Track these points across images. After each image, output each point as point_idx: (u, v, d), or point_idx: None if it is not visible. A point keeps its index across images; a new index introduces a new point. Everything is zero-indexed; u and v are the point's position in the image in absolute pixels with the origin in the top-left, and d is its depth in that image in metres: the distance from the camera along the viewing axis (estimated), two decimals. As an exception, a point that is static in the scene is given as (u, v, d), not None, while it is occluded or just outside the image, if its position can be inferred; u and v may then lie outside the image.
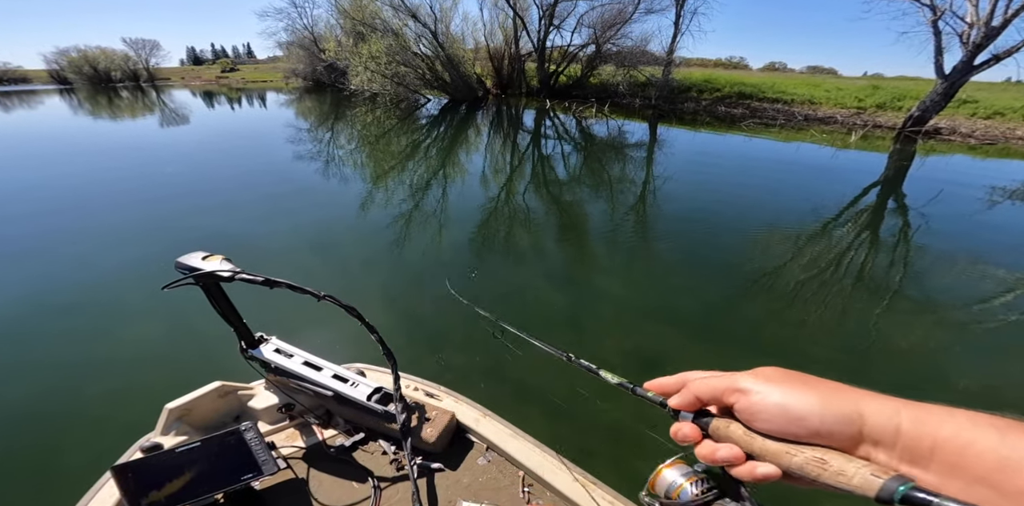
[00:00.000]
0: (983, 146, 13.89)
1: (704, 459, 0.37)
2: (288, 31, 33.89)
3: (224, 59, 77.65)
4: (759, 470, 0.34)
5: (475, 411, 1.43)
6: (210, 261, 1.08)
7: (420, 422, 1.33)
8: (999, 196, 7.85)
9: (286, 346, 1.41)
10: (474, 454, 1.34)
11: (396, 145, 11.44)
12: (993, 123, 15.60)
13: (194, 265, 1.07)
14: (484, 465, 1.31)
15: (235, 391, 1.43)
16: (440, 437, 1.31)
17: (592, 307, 3.65)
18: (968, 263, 4.77)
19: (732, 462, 0.35)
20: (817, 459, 0.31)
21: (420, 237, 5.09)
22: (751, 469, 0.34)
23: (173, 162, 8.95)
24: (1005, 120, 15.70)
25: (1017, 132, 14.90)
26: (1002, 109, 16.20)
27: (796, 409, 0.32)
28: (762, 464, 0.34)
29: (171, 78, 52.49)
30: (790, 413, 0.32)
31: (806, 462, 0.31)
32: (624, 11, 19.89)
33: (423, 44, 18.96)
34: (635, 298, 3.90)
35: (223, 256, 1.11)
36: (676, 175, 8.75)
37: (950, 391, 2.78)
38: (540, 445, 1.31)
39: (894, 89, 18.98)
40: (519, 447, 1.30)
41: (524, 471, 1.26)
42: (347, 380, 1.35)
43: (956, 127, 15.31)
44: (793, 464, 0.32)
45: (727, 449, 0.36)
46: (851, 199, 7.25)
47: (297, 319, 2.94)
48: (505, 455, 1.31)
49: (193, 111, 20.73)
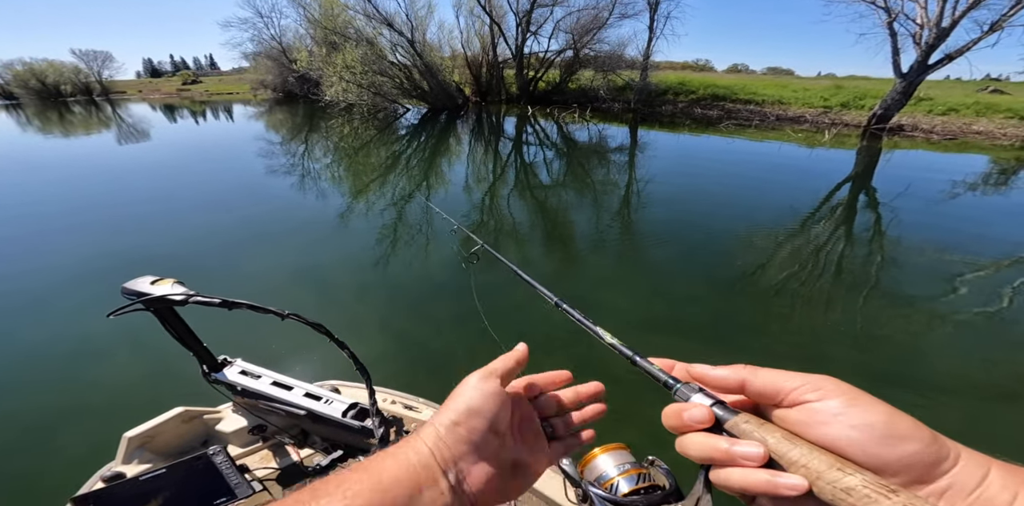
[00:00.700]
0: (944, 141, 14.66)
1: (707, 452, 0.31)
2: (254, 42, 32.98)
3: (185, 71, 74.56)
4: (784, 480, 0.28)
5: None
6: (160, 285, 1.04)
7: (400, 435, 1.30)
8: (960, 189, 8.29)
9: (252, 367, 1.37)
10: None
11: (376, 157, 11.10)
12: (949, 119, 16.52)
13: (142, 290, 1.03)
14: None
15: (200, 416, 1.40)
16: None
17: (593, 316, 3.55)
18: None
19: (753, 461, 0.29)
20: (881, 486, 0.25)
21: (404, 251, 4.90)
22: (769, 478, 0.28)
23: (128, 179, 8.45)
24: (959, 116, 16.66)
25: (974, 127, 15.81)
26: (955, 105, 17.22)
27: (897, 428, 0.28)
28: (787, 475, 0.28)
29: (127, 91, 50.00)
30: (889, 429, 0.27)
31: (863, 485, 0.26)
32: (599, 16, 20.20)
33: (400, 53, 18.63)
34: (638, 308, 3.80)
35: (175, 279, 1.07)
36: (669, 178, 8.81)
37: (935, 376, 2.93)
38: None
39: (855, 88, 19.93)
40: None
41: None
42: (320, 398, 1.32)
43: (917, 124, 16.13)
44: (840, 484, 0.26)
45: (751, 446, 0.30)
46: (828, 195, 7.55)
47: (264, 340, 2.86)
48: None
49: (154, 125, 19.74)
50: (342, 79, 16.40)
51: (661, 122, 17.94)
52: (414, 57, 17.81)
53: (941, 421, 1.95)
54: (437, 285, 4.04)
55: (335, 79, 16.66)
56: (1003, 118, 16.24)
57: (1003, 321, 3.62)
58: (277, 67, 32.47)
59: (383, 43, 17.70)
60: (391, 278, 4.28)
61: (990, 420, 2.57)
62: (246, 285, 3.97)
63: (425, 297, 3.82)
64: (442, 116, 19.04)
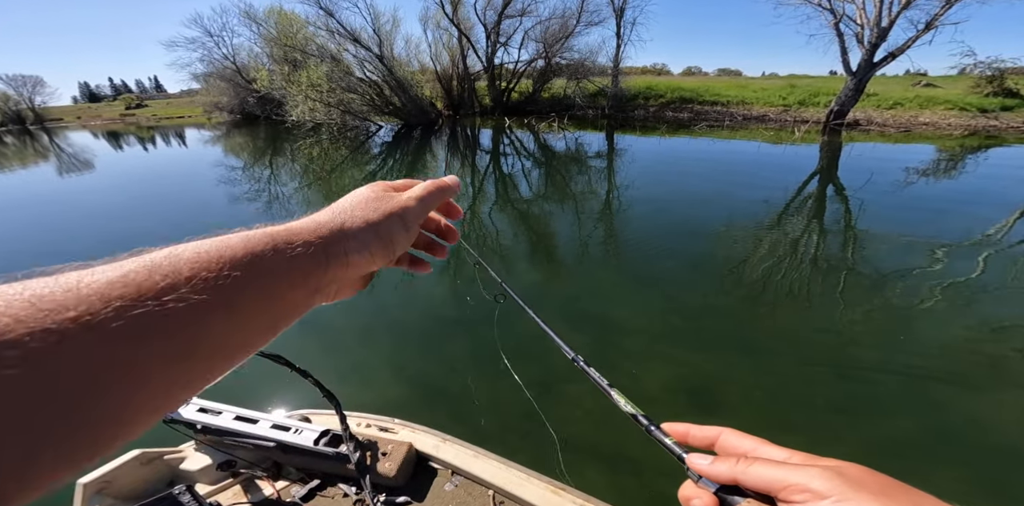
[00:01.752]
0: (897, 133, 15.60)
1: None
2: (204, 62, 31.49)
3: (128, 95, 70.07)
4: None
5: (433, 438, 1.41)
6: None
7: (377, 458, 1.30)
8: (914, 176, 8.97)
9: (211, 404, 1.35)
10: (440, 481, 1.33)
11: (350, 178, 10.55)
12: (897, 112, 17.69)
13: None
14: (452, 490, 1.30)
15: (160, 456, 1.37)
16: (401, 469, 1.29)
17: (593, 334, 3.40)
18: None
19: None
20: None
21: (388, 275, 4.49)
22: None
23: (68, 215, 7.73)
24: (905, 109, 17.88)
25: (920, 119, 16.96)
26: (899, 100, 18.49)
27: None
28: None
29: (64, 119, 46.52)
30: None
31: None
32: (567, 24, 20.47)
33: (368, 68, 18.07)
34: (643, 322, 3.63)
35: None
36: (659, 181, 8.78)
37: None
38: (506, 461, 1.31)
39: (807, 87, 21.09)
40: (484, 467, 1.30)
41: (493, 490, 1.26)
42: (289, 428, 1.30)
43: (871, 118, 17.15)
44: None
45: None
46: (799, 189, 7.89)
47: (226, 379, 2.50)
48: (471, 477, 1.31)
49: (98, 155, 18.26)
50: (308, 98, 15.65)
51: (635, 126, 18.26)
52: (384, 72, 17.31)
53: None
54: (452, 322, 3.75)
55: (301, 98, 15.89)
56: (943, 109, 17.56)
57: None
58: (233, 88, 31.10)
59: (349, 59, 17.14)
60: (393, 307, 3.92)
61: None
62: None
63: (444, 335, 3.55)
64: (416, 132, 18.61)
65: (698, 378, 2.91)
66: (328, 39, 16.60)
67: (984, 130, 15.51)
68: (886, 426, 2.48)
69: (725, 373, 2.94)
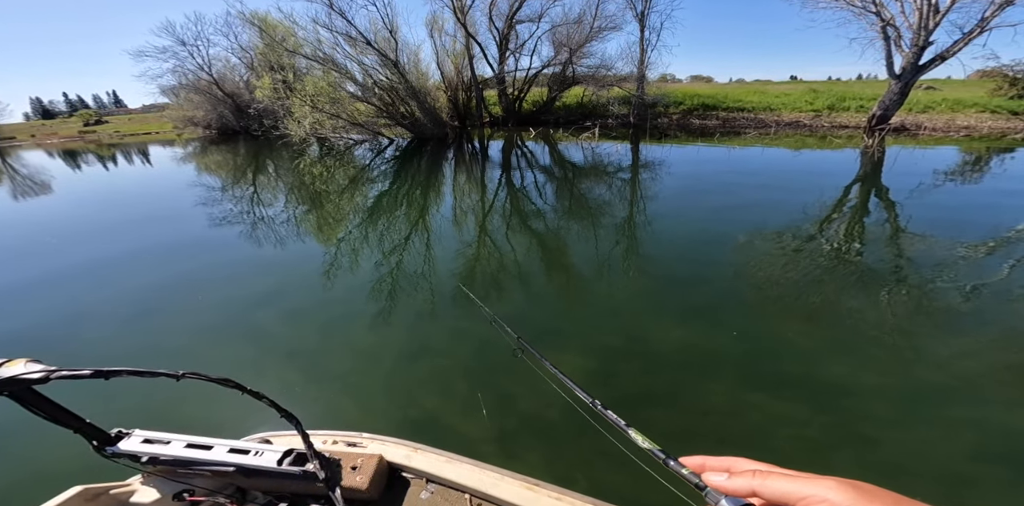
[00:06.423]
0: (946, 137, 14.91)
1: None
2: (176, 73, 28.80)
3: (85, 110, 64.94)
4: None
5: (404, 448, 1.39)
6: (9, 366, 0.88)
7: (347, 473, 1.27)
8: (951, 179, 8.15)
9: (158, 435, 1.24)
10: (415, 490, 1.32)
11: (361, 199, 8.62)
12: (933, 116, 17.14)
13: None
14: (428, 498, 1.29)
15: (105, 492, 1.25)
16: (373, 482, 1.26)
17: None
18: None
19: None
20: None
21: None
22: None
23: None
24: (938, 113, 17.37)
25: (957, 122, 16.42)
26: (929, 103, 18.04)
27: None
28: None
29: (17, 137, 42.31)
30: None
31: None
32: (584, 29, 19.19)
33: (377, 76, 15.98)
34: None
35: (28, 358, 0.93)
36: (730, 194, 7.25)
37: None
38: (479, 463, 1.30)
39: (830, 92, 20.55)
40: (459, 471, 1.29)
41: (470, 493, 1.26)
42: (248, 451, 1.22)
43: (920, 122, 16.47)
44: None
45: None
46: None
47: (176, 408, 2.57)
48: (447, 482, 1.30)
49: (56, 176, 15.65)
50: (315, 109, 13.54)
51: (674, 135, 16.93)
52: (398, 80, 15.32)
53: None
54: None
55: (306, 109, 13.74)
56: (976, 112, 17.15)
57: None
58: (209, 101, 28.49)
59: (353, 67, 15.13)
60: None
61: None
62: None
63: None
64: (427, 147, 16.72)
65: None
66: (333, 43, 14.57)
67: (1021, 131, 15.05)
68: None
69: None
